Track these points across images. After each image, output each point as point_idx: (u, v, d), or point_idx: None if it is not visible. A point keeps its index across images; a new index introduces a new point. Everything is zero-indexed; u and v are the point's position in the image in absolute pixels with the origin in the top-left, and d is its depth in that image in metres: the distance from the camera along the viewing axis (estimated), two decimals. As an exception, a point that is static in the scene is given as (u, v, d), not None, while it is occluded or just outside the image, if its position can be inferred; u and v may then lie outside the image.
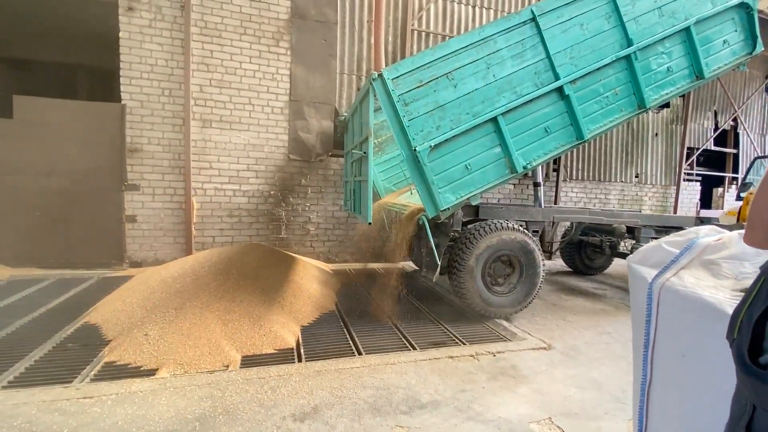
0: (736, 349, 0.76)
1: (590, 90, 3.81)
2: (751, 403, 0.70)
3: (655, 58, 3.95)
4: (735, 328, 0.78)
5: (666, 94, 4.07)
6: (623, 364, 3.07)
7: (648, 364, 1.29)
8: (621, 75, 3.88)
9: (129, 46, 5.04)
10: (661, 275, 1.29)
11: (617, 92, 3.90)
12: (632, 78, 3.89)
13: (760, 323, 0.71)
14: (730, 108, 9.00)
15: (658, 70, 3.97)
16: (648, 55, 3.91)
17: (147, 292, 3.67)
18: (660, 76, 4.00)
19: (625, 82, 3.90)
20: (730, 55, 4.22)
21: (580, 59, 3.71)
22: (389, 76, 3.26)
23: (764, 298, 0.73)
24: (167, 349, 2.82)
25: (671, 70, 4.04)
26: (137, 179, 5.16)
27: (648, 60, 3.92)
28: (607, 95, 3.87)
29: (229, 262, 4.12)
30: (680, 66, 4.07)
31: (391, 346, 3.18)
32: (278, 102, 5.65)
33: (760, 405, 0.68)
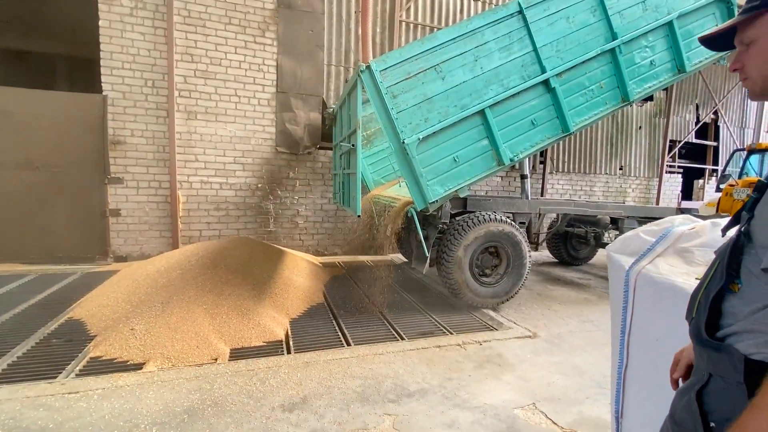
0: (694, 327, 0.81)
1: (576, 83, 3.86)
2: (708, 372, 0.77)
3: (639, 51, 4.01)
4: (693, 308, 0.84)
5: (649, 87, 4.14)
6: (605, 351, 3.16)
7: (624, 348, 1.34)
8: (606, 68, 3.93)
9: (109, 35, 4.91)
10: (638, 263, 1.33)
11: (602, 85, 3.95)
12: (616, 71, 3.95)
13: (715, 302, 0.77)
14: (711, 102, 9.20)
15: (641, 63, 4.04)
16: (632, 48, 3.97)
17: (132, 287, 3.63)
18: (643, 70, 4.07)
19: (609, 75, 3.96)
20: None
21: (566, 52, 3.75)
22: (377, 68, 3.25)
23: (719, 279, 0.77)
24: (154, 343, 2.80)
25: (654, 64, 4.11)
26: (120, 172, 5.06)
27: (632, 53, 3.98)
28: (592, 88, 3.92)
29: (216, 255, 4.09)
30: (663, 60, 4.14)
31: (379, 336, 3.22)
32: (265, 93, 5.58)
33: (716, 372, 0.75)
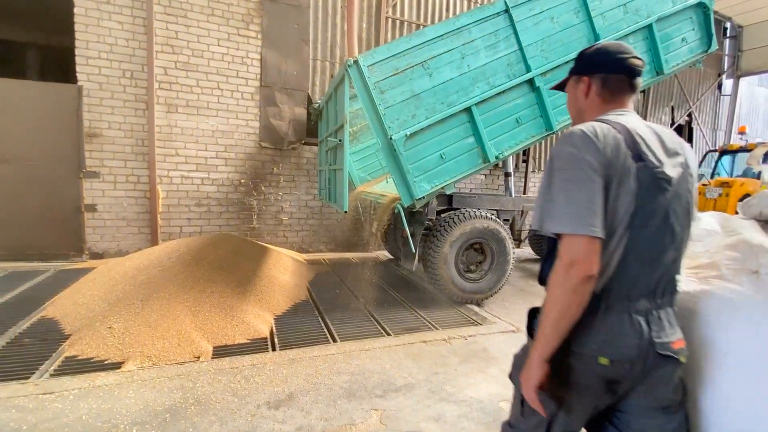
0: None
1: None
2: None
3: None
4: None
5: None
6: (586, 344, 3.24)
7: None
8: None
9: (85, 24, 4.72)
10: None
11: None
12: None
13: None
14: (686, 104, 9.53)
15: None
16: None
17: (109, 285, 3.51)
18: None
19: None
20: (687, 52, 4.47)
21: (550, 52, 3.82)
22: (365, 63, 3.23)
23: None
24: (133, 342, 2.72)
25: None
26: (97, 166, 4.89)
27: None
28: None
29: (198, 252, 4.00)
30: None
31: (365, 332, 3.21)
32: (248, 87, 5.48)
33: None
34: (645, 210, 0.98)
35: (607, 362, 0.96)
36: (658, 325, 0.99)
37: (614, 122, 1.03)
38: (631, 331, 0.97)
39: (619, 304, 0.99)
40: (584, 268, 0.92)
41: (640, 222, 0.98)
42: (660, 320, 1.00)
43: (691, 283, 1.12)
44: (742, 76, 10.20)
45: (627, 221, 0.97)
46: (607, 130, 1.00)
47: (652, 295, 1.00)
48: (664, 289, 1.01)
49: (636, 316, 0.98)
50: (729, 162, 7.76)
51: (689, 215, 1.05)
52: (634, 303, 0.99)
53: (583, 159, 0.96)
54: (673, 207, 1.01)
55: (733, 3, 8.76)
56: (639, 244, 0.98)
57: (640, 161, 0.98)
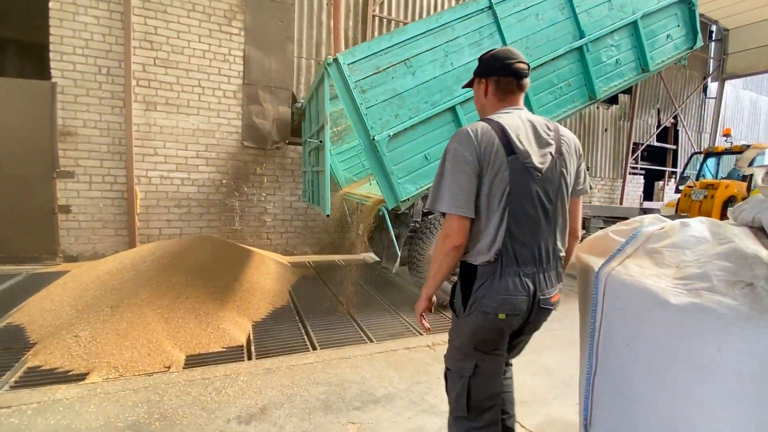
0: None
1: (545, 80, 3.89)
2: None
3: (605, 50, 4.09)
4: None
5: (615, 86, 4.24)
6: (572, 349, 3.16)
7: (594, 354, 1.29)
8: (574, 66, 3.99)
9: (60, 18, 4.54)
10: (607, 264, 1.29)
11: (570, 83, 4.01)
12: (584, 69, 4.01)
13: None
14: (671, 106, 9.61)
15: (607, 62, 4.13)
16: (598, 47, 4.04)
17: (80, 290, 3.35)
18: (609, 68, 4.16)
19: (577, 73, 4.02)
20: (673, 49, 4.46)
21: (535, 49, 3.76)
22: (345, 61, 3.13)
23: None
24: (100, 351, 2.57)
25: (620, 63, 4.20)
26: (71, 165, 4.70)
27: (599, 52, 4.05)
28: (561, 86, 3.97)
29: (175, 255, 3.85)
30: (628, 59, 4.25)
31: (347, 339, 3.10)
32: (230, 85, 5.34)
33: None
34: (518, 193, 1.22)
35: (504, 317, 1.24)
36: (542, 285, 1.27)
37: (495, 122, 1.26)
38: (521, 291, 1.23)
39: (511, 270, 1.23)
40: (453, 240, 1.22)
41: (516, 203, 1.22)
42: (543, 281, 1.27)
43: (679, 295, 1.04)
44: (727, 79, 10.33)
45: (505, 202, 1.22)
46: (486, 129, 1.23)
47: (536, 261, 1.26)
48: (546, 256, 1.27)
49: (525, 279, 1.24)
50: (714, 164, 7.81)
51: (562, 193, 1.29)
52: (522, 268, 1.24)
53: (462, 155, 1.21)
54: (544, 189, 1.25)
55: (719, 6, 8.85)
56: (518, 220, 1.22)
57: (512, 154, 1.21)
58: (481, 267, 1.25)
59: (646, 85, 9.12)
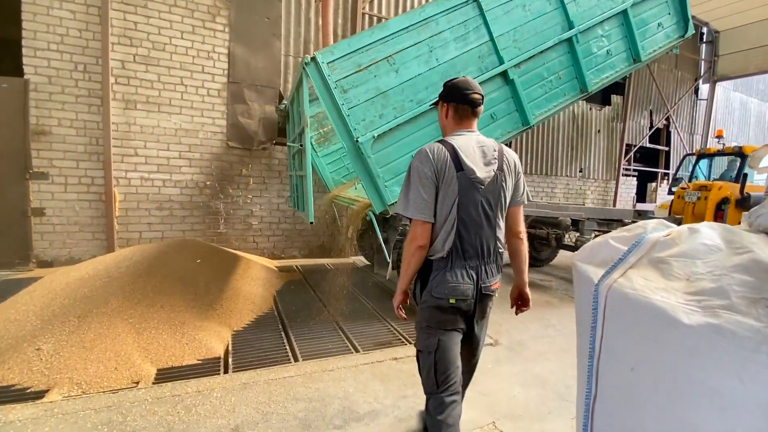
0: None
1: (534, 74, 3.79)
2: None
3: (596, 41, 4.00)
4: None
5: (606, 77, 4.15)
6: (567, 357, 3.05)
7: (593, 376, 1.15)
8: (564, 58, 3.89)
9: (33, 12, 4.33)
10: (608, 276, 1.15)
11: (560, 76, 3.91)
12: (574, 61, 3.92)
13: None
14: (664, 108, 9.60)
15: (598, 53, 4.03)
16: (588, 38, 3.96)
17: (48, 298, 3.15)
18: (600, 60, 4.07)
19: (567, 65, 3.92)
20: (664, 38, 4.37)
21: (523, 42, 3.66)
22: (324, 60, 2.99)
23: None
24: (62, 366, 2.39)
25: (611, 53, 4.11)
26: (45, 166, 4.49)
27: (588, 43, 3.97)
28: (551, 79, 3.87)
29: (153, 261, 3.66)
30: (619, 49, 4.17)
31: (331, 349, 2.94)
32: (215, 83, 5.16)
33: None
34: (465, 201, 1.51)
35: (454, 301, 1.53)
36: (483, 276, 1.57)
37: (449, 143, 1.54)
38: (468, 280, 1.53)
39: (459, 263, 1.53)
40: (419, 241, 1.51)
41: (463, 210, 1.51)
42: (485, 272, 1.57)
43: (692, 313, 0.91)
44: (718, 81, 10.35)
45: (456, 209, 1.51)
46: (440, 150, 1.51)
47: (479, 256, 1.55)
48: (487, 252, 1.57)
49: (470, 271, 1.54)
50: (706, 165, 7.78)
51: (501, 203, 1.59)
52: (468, 262, 1.54)
53: (423, 171, 1.50)
54: (486, 199, 1.55)
55: (709, 8, 8.86)
56: (465, 223, 1.52)
57: (460, 170, 1.50)
58: (436, 261, 1.55)
59: (638, 87, 9.09)
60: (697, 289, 0.96)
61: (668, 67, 9.58)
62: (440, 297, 1.53)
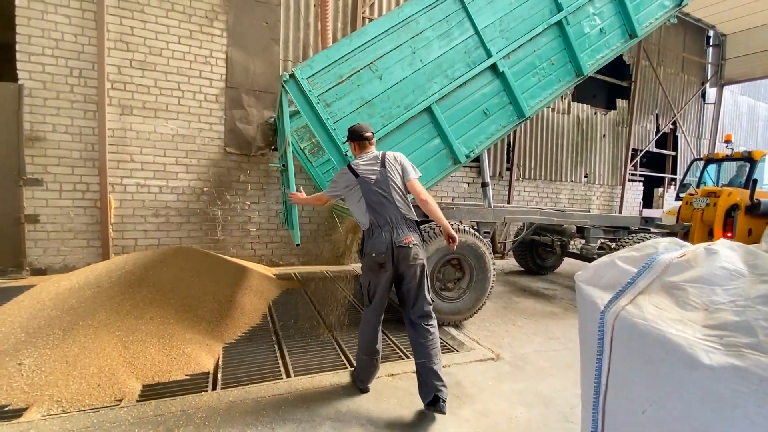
0: None
1: (525, 63, 3.69)
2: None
3: (587, 20, 3.89)
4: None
5: (602, 57, 4.03)
6: (571, 373, 2.91)
7: (599, 414, 1.03)
8: (555, 43, 3.78)
9: (27, 17, 4.30)
10: (615, 301, 1.03)
11: (553, 62, 3.80)
12: (566, 45, 3.81)
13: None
14: (670, 112, 9.44)
15: (591, 33, 3.92)
16: (579, 18, 3.84)
17: (35, 309, 3.07)
18: (594, 39, 3.95)
19: (559, 50, 3.81)
20: (659, 8, 4.23)
21: (510, 31, 3.56)
22: (303, 75, 2.92)
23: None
24: (43, 382, 2.30)
25: (604, 32, 3.99)
26: (39, 173, 4.43)
27: (580, 24, 3.85)
28: (543, 66, 3.76)
29: (145, 270, 3.58)
30: (613, 26, 4.04)
31: (326, 364, 2.83)
32: (212, 88, 5.10)
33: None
34: (367, 193, 2.31)
35: (375, 255, 2.27)
36: (397, 235, 2.27)
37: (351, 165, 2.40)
38: (384, 240, 2.26)
39: (377, 230, 2.30)
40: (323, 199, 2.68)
41: (368, 197, 2.31)
42: (396, 232, 2.28)
43: (713, 352, 0.79)
44: (725, 85, 10.19)
45: (364, 198, 2.32)
46: (346, 168, 2.42)
47: (389, 224, 2.29)
48: (395, 220, 2.29)
49: (386, 233, 2.27)
50: (714, 170, 7.61)
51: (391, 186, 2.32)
52: (383, 228, 2.29)
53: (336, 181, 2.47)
54: (379, 187, 2.31)
55: (717, 11, 8.72)
56: (371, 205, 2.30)
57: (358, 177, 2.33)
58: (365, 231, 2.38)
59: (644, 90, 8.95)
60: (718, 322, 0.84)
61: (674, 70, 9.44)
62: (367, 253, 2.32)
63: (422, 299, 2.35)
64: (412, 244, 2.26)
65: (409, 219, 2.34)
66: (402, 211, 2.31)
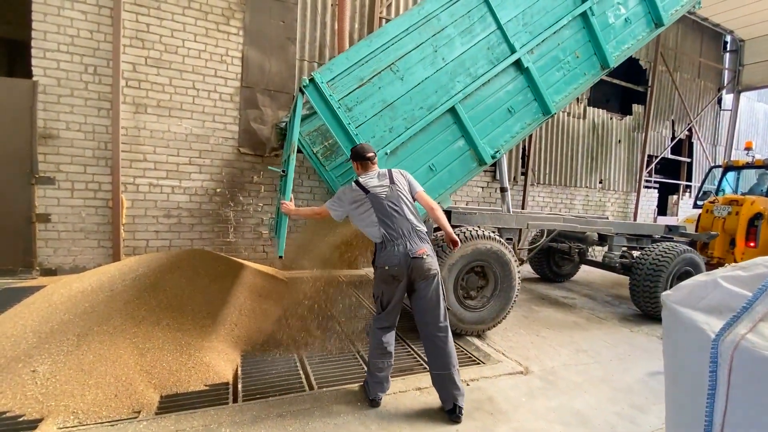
0: None
1: (550, 57, 3.57)
2: None
3: (612, 10, 3.77)
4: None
5: (627, 48, 3.92)
6: (605, 390, 2.78)
7: (712, 458, 0.90)
8: (579, 35, 3.67)
9: (44, 12, 4.22)
10: (730, 329, 0.90)
11: (578, 55, 3.68)
12: (591, 36, 3.69)
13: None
14: (686, 118, 9.29)
15: (615, 23, 3.80)
16: (604, 8, 3.72)
17: (47, 312, 2.96)
18: (619, 30, 3.83)
19: (584, 42, 3.69)
20: None
21: (534, 25, 3.44)
22: (323, 80, 2.81)
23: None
24: (59, 392, 2.18)
25: (629, 21, 3.87)
26: (52, 171, 4.34)
27: (605, 14, 3.73)
28: (568, 59, 3.64)
29: (159, 272, 3.47)
30: (638, 15, 3.92)
31: (347, 375, 2.70)
32: (227, 88, 5.00)
33: None
34: (378, 207, 2.34)
35: (387, 267, 2.28)
36: (410, 247, 2.28)
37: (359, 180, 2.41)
38: (397, 253, 2.27)
39: (390, 243, 2.30)
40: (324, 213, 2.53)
41: (379, 212, 2.33)
42: (410, 244, 2.29)
43: None
44: (742, 91, 10.03)
45: (376, 213, 2.34)
46: (353, 185, 2.41)
47: (402, 237, 2.30)
48: (408, 233, 2.31)
49: (399, 246, 2.28)
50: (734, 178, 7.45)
51: (401, 200, 2.37)
52: (396, 241, 2.29)
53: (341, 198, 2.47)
54: (390, 201, 2.35)
55: (735, 16, 8.59)
56: (383, 220, 2.32)
57: (368, 193, 2.36)
58: (377, 245, 2.37)
59: (660, 96, 8.81)
60: None
61: (691, 76, 9.30)
62: (379, 266, 2.33)
63: (438, 310, 2.34)
64: (425, 255, 2.29)
65: (420, 231, 2.37)
66: (413, 223, 2.35)
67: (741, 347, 0.86)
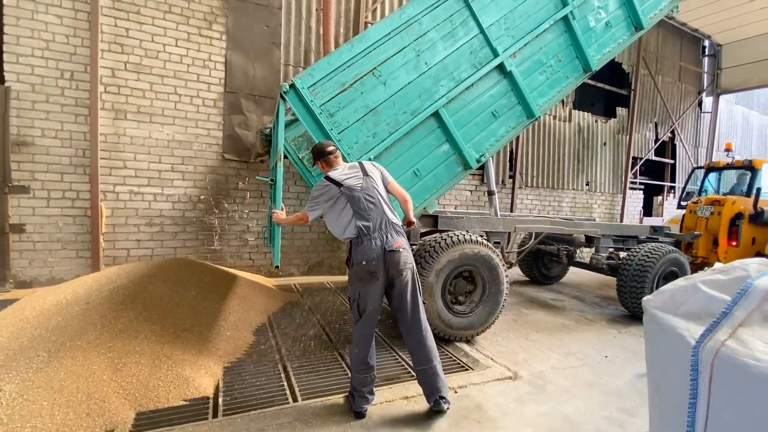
0: None
1: (532, 61, 3.62)
2: None
3: (593, 14, 3.86)
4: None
5: (609, 51, 4.00)
6: (594, 394, 2.76)
7: (696, 470, 0.87)
8: (561, 39, 3.73)
9: (16, 16, 4.10)
10: (710, 335, 0.88)
11: (560, 58, 3.74)
12: (573, 40, 3.76)
13: None
14: (669, 120, 9.46)
15: (596, 26, 3.88)
16: (585, 12, 3.80)
17: (18, 327, 2.84)
18: (600, 33, 3.91)
19: (566, 45, 3.76)
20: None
21: (516, 29, 3.48)
22: (304, 85, 2.78)
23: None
24: (26, 412, 2.07)
25: (610, 25, 3.96)
26: (26, 179, 4.20)
27: (585, 18, 3.81)
28: (551, 63, 3.69)
29: (138, 283, 3.37)
30: (618, 19, 4.01)
31: (333, 386, 2.63)
32: (211, 93, 4.92)
33: None
34: (353, 201, 2.29)
35: (365, 263, 2.23)
36: (387, 240, 2.26)
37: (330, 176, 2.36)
38: (375, 246, 2.24)
39: (366, 237, 2.26)
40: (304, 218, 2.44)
41: (355, 205, 2.29)
42: (386, 238, 2.27)
43: None
44: (721, 94, 10.27)
45: (351, 207, 2.29)
46: (324, 180, 2.37)
47: (378, 230, 2.28)
48: (384, 226, 2.29)
49: (375, 240, 2.25)
50: (715, 179, 7.59)
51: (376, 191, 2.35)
52: (373, 234, 2.26)
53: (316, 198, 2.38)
54: (365, 193, 2.31)
55: (711, 22, 8.80)
56: (360, 213, 2.28)
57: (341, 186, 2.31)
58: (353, 240, 2.31)
59: (643, 99, 8.96)
60: None
61: (672, 79, 9.48)
62: (356, 262, 2.25)
63: (416, 304, 2.36)
64: (401, 248, 2.28)
65: (396, 224, 2.35)
66: (389, 216, 2.33)
67: (721, 354, 0.84)
